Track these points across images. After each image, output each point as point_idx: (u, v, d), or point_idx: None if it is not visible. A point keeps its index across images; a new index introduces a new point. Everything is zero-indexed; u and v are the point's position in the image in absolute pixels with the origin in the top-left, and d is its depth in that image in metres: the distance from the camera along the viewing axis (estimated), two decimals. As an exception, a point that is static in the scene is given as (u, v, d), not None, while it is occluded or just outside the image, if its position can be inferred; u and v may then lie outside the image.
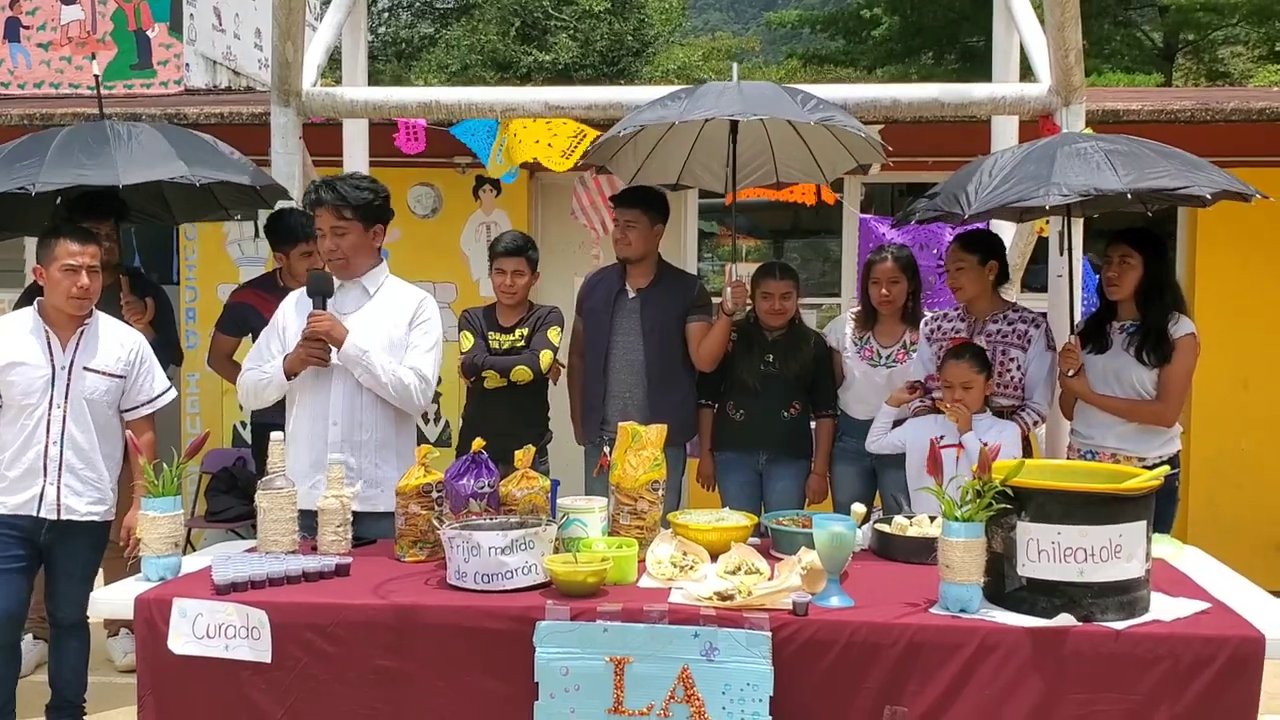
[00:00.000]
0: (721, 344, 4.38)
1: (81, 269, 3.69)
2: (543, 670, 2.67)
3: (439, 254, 7.00)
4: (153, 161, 3.96)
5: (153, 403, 3.96)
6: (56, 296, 3.73)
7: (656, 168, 4.64)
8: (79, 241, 3.72)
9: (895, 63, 19.32)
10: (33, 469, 3.72)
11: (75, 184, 3.90)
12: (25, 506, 3.73)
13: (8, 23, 9.11)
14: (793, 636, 2.62)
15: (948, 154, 5.86)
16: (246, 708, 2.77)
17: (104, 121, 4.17)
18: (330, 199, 3.61)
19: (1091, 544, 2.60)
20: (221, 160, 4.18)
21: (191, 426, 7.16)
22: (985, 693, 2.59)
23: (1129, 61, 17.81)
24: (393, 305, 3.71)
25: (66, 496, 3.76)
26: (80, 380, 3.76)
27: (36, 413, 3.71)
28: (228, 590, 2.82)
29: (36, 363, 3.72)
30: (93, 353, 3.80)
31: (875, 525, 3.28)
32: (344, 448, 3.56)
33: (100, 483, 3.85)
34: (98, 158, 3.93)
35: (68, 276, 3.68)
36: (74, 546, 3.83)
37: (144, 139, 4.06)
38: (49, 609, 3.95)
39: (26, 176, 3.84)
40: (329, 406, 3.62)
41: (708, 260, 7.86)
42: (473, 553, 2.83)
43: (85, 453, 3.79)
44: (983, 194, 3.64)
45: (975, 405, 3.92)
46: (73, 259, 3.68)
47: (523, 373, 4.36)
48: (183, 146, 4.08)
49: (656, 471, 3.20)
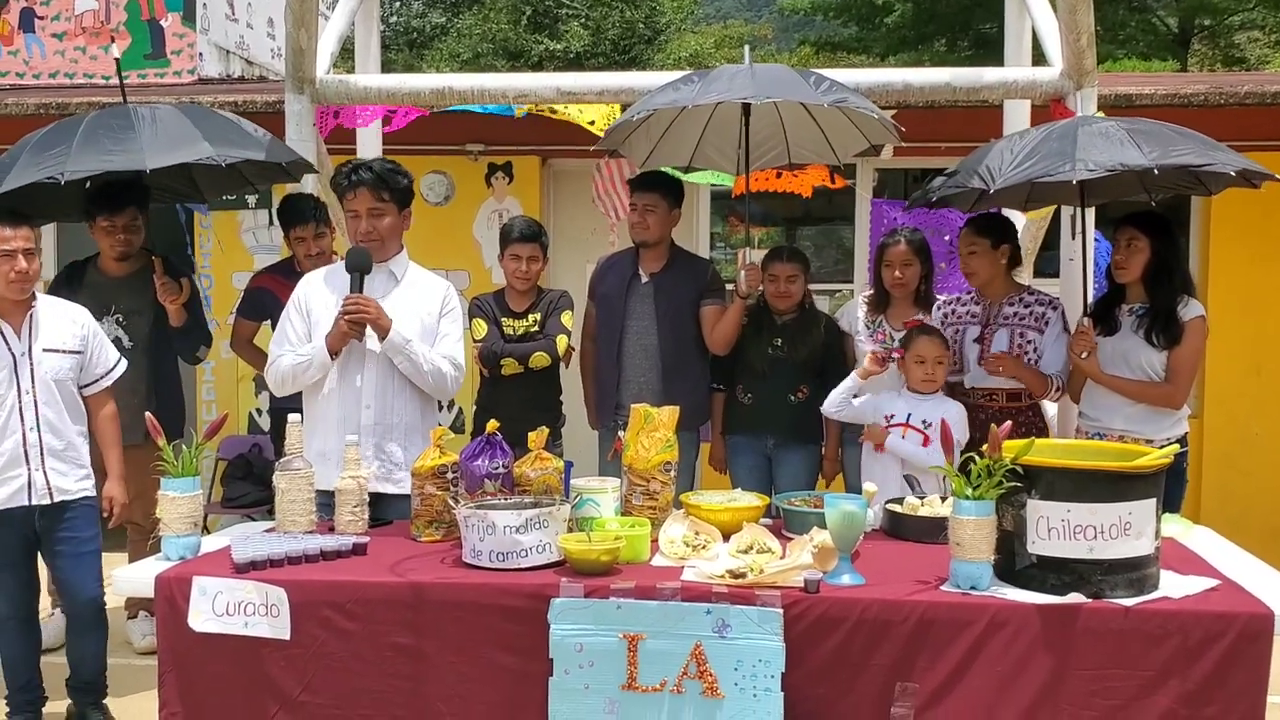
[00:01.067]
0: (735, 327, 4.40)
1: (17, 253, 3.67)
2: (557, 647, 2.70)
3: (452, 241, 7.04)
4: (177, 144, 3.98)
5: (110, 374, 3.99)
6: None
7: (669, 150, 4.66)
8: (11, 226, 3.70)
9: (908, 50, 19.26)
10: (14, 458, 3.73)
11: (103, 170, 3.93)
12: (16, 498, 3.74)
13: (22, 13, 9.16)
14: (804, 613, 2.65)
15: (959, 139, 5.87)
16: (266, 684, 2.82)
17: (127, 106, 4.20)
18: (370, 180, 3.65)
19: (1101, 521, 2.62)
20: (245, 138, 4.20)
21: (208, 413, 7.22)
22: (995, 669, 2.61)
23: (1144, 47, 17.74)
24: (422, 292, 3.74)
25: (55, 479, 3.79)
26: (41, 362, 3.77)
27: (6, 403, 3.72)
28: (247, 569, 2.86)
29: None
30: (47, 334, 3.81)
31: (886, 505, 3.30)
32: (376, 431, 3.61)
33: (81, 459, 3.89)
34: (123, 143, 3.95)
35: (4, 262, 3.66)
36: (71, 526, 3.85)
37: (167, 121, 4.08)
38: (61, 597, 3.99)
39: (55, 165, 3.86)
40: (361, 391, 3.64)
41: (720, 249, 7.88)
42: (488, 532, 2.87)
43: (61, 433, 3.82)
44: (1006, 170, 3.65)
45: (941, 382, 4.02)
46: (6, 244, 3.67)
47: (541, 359, 4.40)
48: (206, 126, 4.09)
49: (669, 453, 3.23)
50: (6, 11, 9.16)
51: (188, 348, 4.85)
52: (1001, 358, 4.14)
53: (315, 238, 4.79)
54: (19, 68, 9.07)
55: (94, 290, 4.62)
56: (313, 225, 4.78)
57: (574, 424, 4.79)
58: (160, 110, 4.15)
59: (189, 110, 4.24)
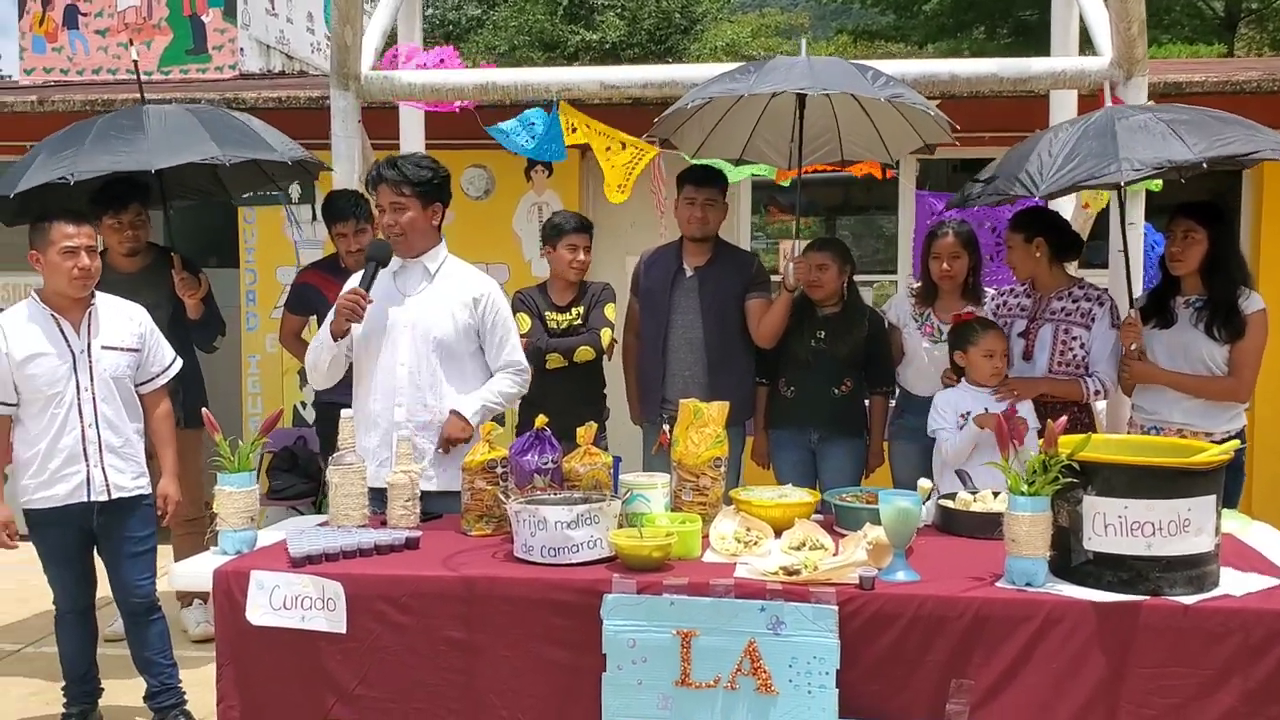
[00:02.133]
0: (782, 320, 4.37)
1: (80, 249, 3.72)
2: (610, 642, 2.71)
3: (492, 235, 7.06)
4: (184, 144, 4.08)
5: (165, 373, 4.05)
6: (59, 280, 3.74)
7: (721, 142, 4.64)
8: (74, 223, 3.74)
9: (947, 37, 19.08)
10: (73, 455, 3.77)
11: (111, 170, 4.02)
12: (75, 494, 3.78)
13: (66, 10, 9.27)
14: (859, 610, 2.64)
15: (1003, 128, 5.81)
16: (322, 677, 2.84)
17: (138, 107, 4.29)
18: (390, 176, 3.66)
19: (1159, 518, 2.59)
20: (254, 138, 4.28)
21: (253, 406, 7.29)
22: (1051, 666, 2.59)
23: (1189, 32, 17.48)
24: (456, 288, 3.73)
25: (113, 476, 3.83)
26: (100, 360, 3.81)
27: (65, 400, 3.75)
28: (303, 563, 2.89)
29: (55, 351, 3.75)
30: (106, 331, 3.86)
31: (939, 501, 3.28)
32: (410, 428, 3.63)
33: (137, 457, 3.94)
34: (132, 144, 4.06)
35: (68, 258, 3.70)
36: (128, 524, 3.90)
37: (176, 122, 4.19)
38: (118, 598, 4.01)
39: (66, 166, 3.97)
40: (395, 392, 3.67)
41: (759, 239, 7.84)
42: (539, 527, 2.88)
43: (119, 430, 3.86)
44: (1049, 174, 3.60)
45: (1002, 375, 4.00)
46: (70, 240, 3.71)
47: (586, 353, 4.43)
48: (214, 127, 4.20)
49: (718, 448, 3.22)
50: (51, 8, 9.28)
51: (206, 338, 4.96)
52: (1014, 383, 4.05)
53: (356, 234, 4.83)
54: (63, 64, 9.19)
55: (108, 287, 4.67)
56: (353, 221, 4.83)
57: (616, 417, 4.79)
58: (170, 111, 4.26)
59: (200, 112, 4.34)
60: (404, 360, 3.66)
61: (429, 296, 3.70)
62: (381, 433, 3.64)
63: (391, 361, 3.66)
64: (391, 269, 3.72)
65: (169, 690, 4.03)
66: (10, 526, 3.81)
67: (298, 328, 5.16)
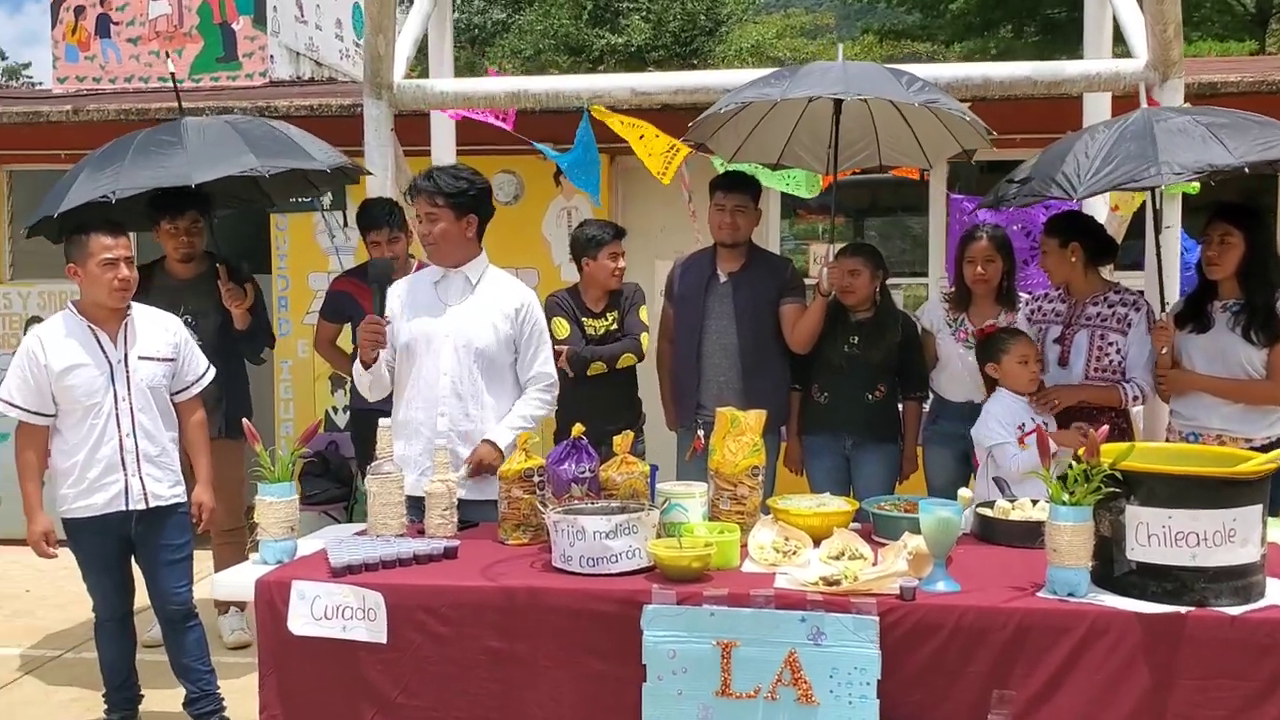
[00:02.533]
0: (817, 325, 4.36)
1: (119, 260, 3.75)
2: (650, 653, 2.71)
3: (521, 240, 7.08)
4: (223, 156, 4.12)
5: (200, 381, 4.08)
6: (98, 291, 3.77)
7: (758, 147, 4.64)
8: (111, 235, 3.78)
9: (974, 36, 18.98)
10: (111, 464, 3.81)
11: (152, 186, 4.08)
12: (113, 503, 3.82)
13: (99, 19, 9.37)
14: (900, 621, 2.63)
15: (1036, 130, 5.78)
16: (363, 687, 2.86)
17: (177, 121, 4.32)
18: (425, 186, 3.67)
19: (1204, 528, 2.57)
20: (292, 147, 4.32)
21: (285, 412, 7.35)
22: (1094, 677, 2.57)
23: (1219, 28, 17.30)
24: (497, 298, 3.74)
25: (150, 484, 3.87)
26: (137, 370, 3.85)
27: (104, 410, 3.79)
28: (343, 572, 2.91)
29: (92, 362, 3.78)
30: (143, 341, 3.89)
31: (977, 509, 3.26)
32: (452, 437, 3.65)
33: (174, 465, 3.98)
34: (171, 159, 4.11)
35: (107, 270, 3.73)
36: (165, 533, 3.93)
37: (215, 134, 4.23)
38: (156, 605, 4.05)
39: (108, 184, 4.03)
40: (438, 401, 3.68)
41: (787, 239, 7.83)
42: (578, 537, 2.88)
43: (156, 439, 3.90)
44: (1086, 176, 3.57)
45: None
46: (109, 252, 3.74)
47: (629, 359, 4.49)
48: (252, 138, 4.23)
49: (756, 457, 3.22)
50: (84, 18, 9.38)
51: (253, 349, 4.99)
52: (1054, 392, 4.04)
53: (389, 242, 4.86)
54: (96, 72, 9.28)
55: (162, 292, 4.75)
56: (386, 230, 4.85)
57: (651, 426, 4.80)
58: (209, 123, 4.30)
59: (238, 123, 4.38)
60: (446, 370, 3.66)
61: (471, 307, 3.70)
62: (424, 441, 3.65)
63: (434, 371, 3.67)
64: (432, 278, 3.75)
65: (207, 697, 4.06)
66: (50, 535, 3.85)
67: (332, 335, 5.20)
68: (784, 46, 21.08)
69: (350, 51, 10.48)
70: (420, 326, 3.68)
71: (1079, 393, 4.08)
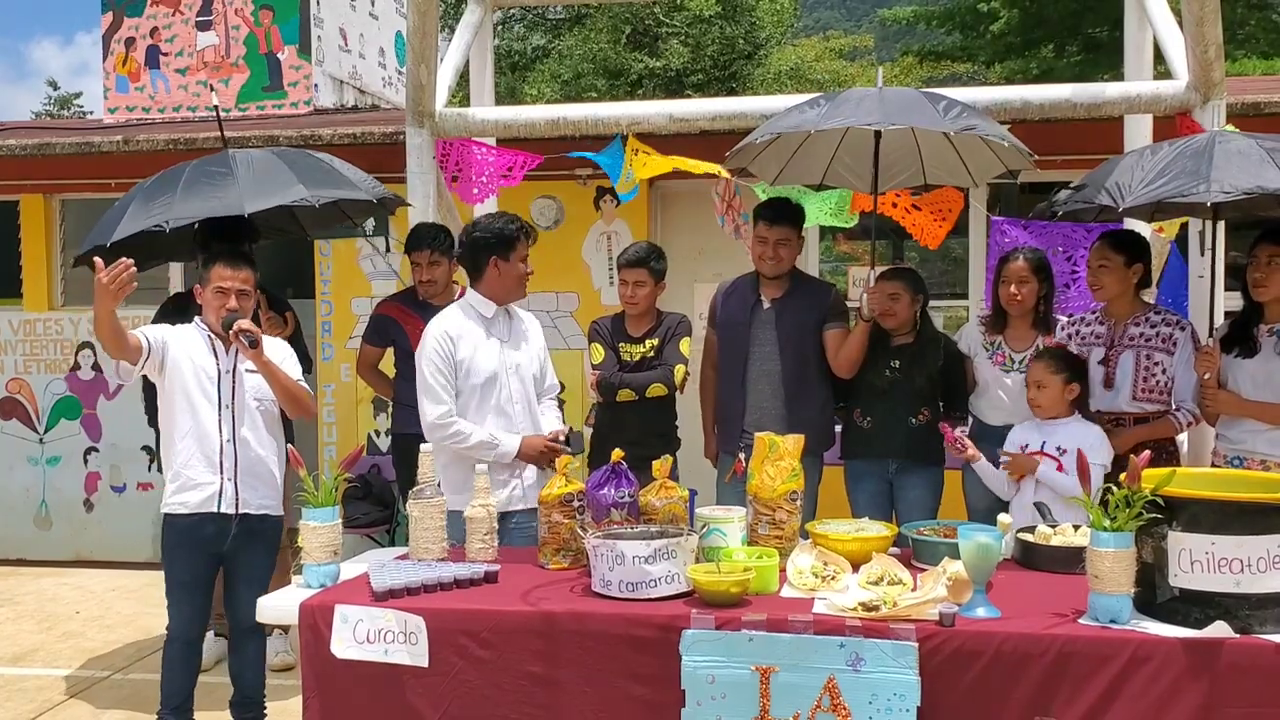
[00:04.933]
0: (860, 350, 4.36)
1: (230, 292, 3.95)
2: (689, 678, 2.72)
3: (562, 264, 7.13)
4: (273, 187, 4.24)
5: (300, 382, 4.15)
6: (210, 314, 4.00)
7: (800, 169, 4.66)
8: (230, 267, 3.98)
9: (1014, 57, 18.85)
10: (210, 466, 3.93)
11: (204, 216, 4.19)
12: (206, 504, 3.93)
13: (149, 50, 9.57)
14: (940, 647, 2.62)
15: (1077, 151, 5.75)
16: (405, 710, 2.88)
17: (226, 152, 4.42)
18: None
19: (1249, 555, 2.55)
20: (337, 178, 4.42)
21: (328, 436, 7.43)
22: (1138, 705, 2.55)
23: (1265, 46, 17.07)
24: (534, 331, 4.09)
25: (244, 492, 3.98)
26: (244, 381, 4.00)
27: (209, 413, 3.94)
28: (385, 596, 2.94)
29: (207, 361, 3.97)
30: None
31: (1018, 534, 3.24)
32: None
33: (270, 479, 4.08)
34: (222, 189, 4.23)
35: (217, 297, 3.96)
36: (255, 552, 4.05)
37: (262, 165, 4.35)
38: (229, 614, 4.17)
39: (161, 214, 4.17)
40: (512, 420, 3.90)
41: (824, 259, 7.83)
42: (617, 561, 2.90)
43: (254, 450, 4.01)
44: (1136, 188, 3.56)
45: (1051, 407, 3.89)
46: (223, 282, 3.96)
47: (658, 389, 4.47)
48: (300, 169, 4.35)
49: (794, 482, 3.22)
50: (134, 49, 9.58)
51: None
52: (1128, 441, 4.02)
53: (429, 265, 4.92)
54: (145, 102, 9.47)
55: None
56: (428, 252, 4.91)
57: (687, 449, 4.80)
58: (256, 155, 4.40)
59: (284, 154, 4.49)
60: (510, 401, 3.91)
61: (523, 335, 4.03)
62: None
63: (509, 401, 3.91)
64: (484, 314, 3.91)
65: (254, 703, 4.17)
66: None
67: (375, 359, 5.27)
68: (823, 69, 21.08)
69: (393, 79, 10.63)
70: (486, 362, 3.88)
71: (1132, 439, 4.04)
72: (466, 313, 3.91)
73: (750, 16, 19.61)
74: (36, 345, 7.55)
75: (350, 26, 10.11)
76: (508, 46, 22.15)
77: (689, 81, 18.39)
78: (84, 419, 7.48)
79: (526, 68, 21.66)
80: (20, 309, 7.61)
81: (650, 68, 18.71)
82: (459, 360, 3.82)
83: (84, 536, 7.41)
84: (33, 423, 7.53)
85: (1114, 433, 4.03)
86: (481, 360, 3.84)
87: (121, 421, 7.33)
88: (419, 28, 4.79)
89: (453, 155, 5.25)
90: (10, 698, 4.78)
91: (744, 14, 19.42)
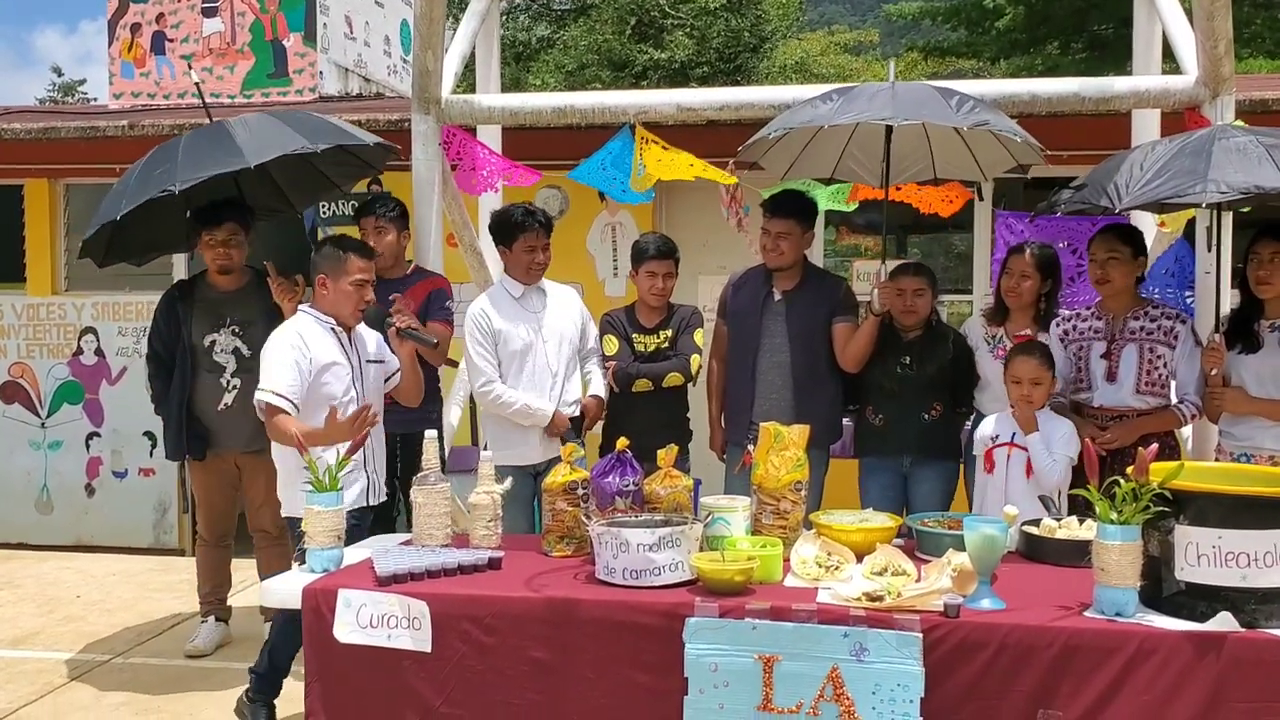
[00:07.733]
0: (869, 345, 4.34)
1: (368, 284, 3.90)
2: (692, 666, 2.72)
3: (566, 254, 7.07)
4: (275, 140, 4.18)
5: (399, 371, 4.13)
6: (344, 306, 3.87)
7: (811, 163, 4.65)
8: (366, 257, 3.93)
9: (1020, 53, 18.81)
10: (359, 459, 3.82)
11: (210, 174, 4.10)
12: (359, 499, 3.89)
13: (154, 36, 9.55)
14: (944, 638, 2.62)
15: (1084, 147, 5.73)
16: (408, 695, 2.89)
17: (219, 122, 4.39)
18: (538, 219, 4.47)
19: (1255, 549, 2.55)
20: (331, 127, 4.39)
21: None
22: (1143, 698, 2.55)
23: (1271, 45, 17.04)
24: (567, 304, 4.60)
25: (377, 480, 3.99)
26: (368, 372, 3.98)
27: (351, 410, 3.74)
28: (389, 582, 2.94)
29: (345, 361, 3.90)
30: (367, 347, 4.02)
31: (1023, 527, 3.24)
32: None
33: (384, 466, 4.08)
34: (223, 149, 4.15)
35: (359, 290, 3.88)
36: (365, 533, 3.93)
37: (259, 125, 4.31)
38: None
39: (164, 181, 4.08)
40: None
41: (829, 254, 7.81)
42: (621, 549, 2.90)
43: (379, 438, 4.02)
44: (1134, 188, 3.55)
45: (1041, 403, 3.87)
46: (363, 274, 3.89)
47: (675, 378, 4.49)
48: (293, 122, 4.32)
49: (799, 472, 3.22)
50: (140, 35, 9.57)
51: None
52: (1113, 432, 4.01)
53: (374, 231, 4.76)
54: (150, 88, 9.45)
55: (207, 305, 4.82)
56: (373, 219, 4.78)
57: (697, 441, 4.79)
58: (250, 117, 4.37)
59: (278, 113, 4.48)
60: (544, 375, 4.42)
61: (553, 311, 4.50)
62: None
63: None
64: (513, 294, 4.47)
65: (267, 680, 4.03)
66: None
67: None
68: (828, 63, 21.05)
69: (398, 67, 10.60)
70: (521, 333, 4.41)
71: (1137, 429, 4.02)
72: (498, 293, 4.50)
73: (756, 9, 19.57)
74: (39, 330, 7.53)
75: (356, 14, 10.08)
76: (512, 36, 22.08)
77: (694, 74, 18.35)
78: (86, 404, 7.46)
79: (531, 58, 21.60)
80: (24, 293, 7.60)
81: (655, 60, 18.67)
82: (496, 330, 4.38)
83: (85, 521, 7.40)
84: (35, 407, 7.51)
85: (1118, 425, 4.02)
86: (513, 332, 4.39)
87: (124, 406, 7.32)
88: (426, 13, 4.77)
89: (454, 144, 5.23)
90: (11, 680, 4.78)
91: (750, 7, 19.37)
